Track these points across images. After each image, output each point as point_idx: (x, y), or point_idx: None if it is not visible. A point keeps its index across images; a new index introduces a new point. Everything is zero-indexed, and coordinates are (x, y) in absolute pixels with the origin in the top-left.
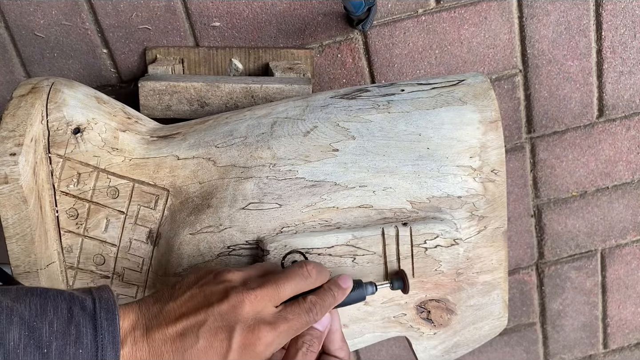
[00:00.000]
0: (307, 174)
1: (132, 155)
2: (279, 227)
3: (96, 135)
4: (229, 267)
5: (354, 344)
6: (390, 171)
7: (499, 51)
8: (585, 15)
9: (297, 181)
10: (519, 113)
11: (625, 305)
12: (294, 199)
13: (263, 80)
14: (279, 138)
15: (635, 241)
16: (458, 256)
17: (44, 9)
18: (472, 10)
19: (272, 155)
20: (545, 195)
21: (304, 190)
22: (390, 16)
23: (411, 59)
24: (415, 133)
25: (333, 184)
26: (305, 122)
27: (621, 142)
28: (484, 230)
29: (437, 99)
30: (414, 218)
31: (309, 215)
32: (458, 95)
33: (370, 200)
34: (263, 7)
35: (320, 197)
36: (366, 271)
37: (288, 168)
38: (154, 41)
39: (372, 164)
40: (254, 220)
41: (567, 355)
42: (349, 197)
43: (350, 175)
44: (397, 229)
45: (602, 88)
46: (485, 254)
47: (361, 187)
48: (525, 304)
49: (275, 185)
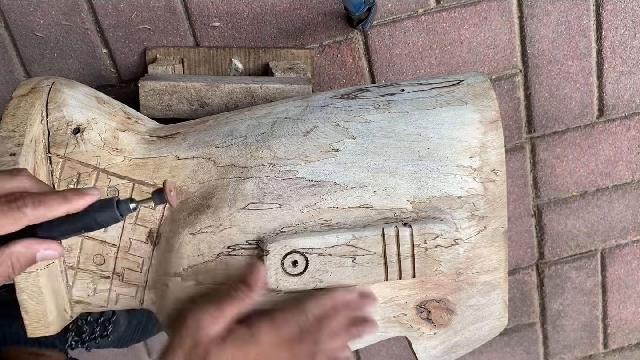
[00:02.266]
0: (307, 174)
1: (132, 155)
2: (279, 227)
3: (96, 135)
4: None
5: (354, 344)
6: (391, 171)
7: (499, 51)
8: (585, 15)
9: (297, 181)
10: (519, 113)
11: (625, 305)
12: (294, 199)
13: (263, 81)
14: (279, 138)
15: (635, 241)
16: (458, 256)
17: (44, 9)
18: (472, 10)
19: (272, 155)
20: (545, 195)
21: (304, 190)
22: (390, 16)
23: (411, 59)
24: (415, 133)
25: (333, 183)
26: (305, 122)
27: (621, 142)
28: (484, 230)
29: (437, 98)
30: (414, 218)
31: (309, 215)
32: (458, 95)
33: (370, 200)
34: (263, 7)
35: (320, 197)
36: (366, 271)
37: (288, 168)
38: (154, 41)
39: (372, 163)
40: (254, 220)
41: (567, 355)
42: (349, 197)
43: (351, 175)
44: (397, 229)
45: (602, 88)
46: (486, 254)
47: (361, 187)
48: (525, 304)
49: (276, 185)
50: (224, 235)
